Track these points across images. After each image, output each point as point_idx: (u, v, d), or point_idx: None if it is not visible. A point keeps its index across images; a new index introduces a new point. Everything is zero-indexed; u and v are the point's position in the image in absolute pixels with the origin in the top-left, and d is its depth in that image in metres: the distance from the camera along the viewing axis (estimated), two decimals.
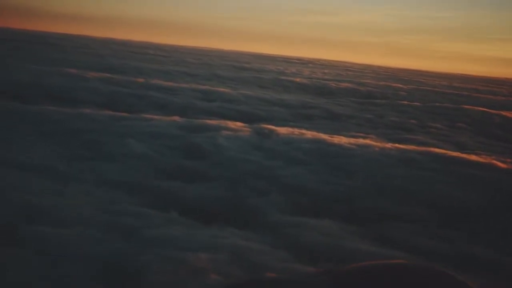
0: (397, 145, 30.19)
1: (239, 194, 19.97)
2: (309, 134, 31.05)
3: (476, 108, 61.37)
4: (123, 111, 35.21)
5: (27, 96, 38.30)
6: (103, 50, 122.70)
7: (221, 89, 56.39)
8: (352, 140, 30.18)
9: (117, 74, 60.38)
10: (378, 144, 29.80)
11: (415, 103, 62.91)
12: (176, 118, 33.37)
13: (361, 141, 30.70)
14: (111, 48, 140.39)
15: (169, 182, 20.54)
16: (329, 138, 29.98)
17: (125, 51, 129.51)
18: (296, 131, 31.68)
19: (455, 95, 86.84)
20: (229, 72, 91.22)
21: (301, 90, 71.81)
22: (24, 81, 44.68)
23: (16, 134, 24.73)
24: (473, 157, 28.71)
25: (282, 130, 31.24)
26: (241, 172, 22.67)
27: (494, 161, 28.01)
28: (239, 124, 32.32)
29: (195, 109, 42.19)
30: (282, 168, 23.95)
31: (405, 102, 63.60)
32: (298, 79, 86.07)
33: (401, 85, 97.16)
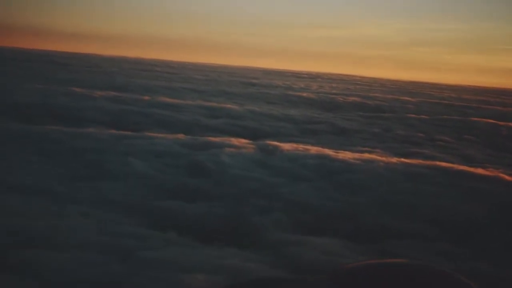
0: (402, 159, 29.87)
1: (241, 212, 19.73)
2: (314, 149, 30.80)
3: (484, 120, 60.93)
4: (127, 130, 35.13)
5: (32, 116, 38.26)
6: (111, 68, 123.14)
7: (227, 106, 56.31)
8: (357, 155, 29.89)
9: (124, 92, 60.43)
10: (384, 159, 29.50)
11: (422, 116, 62.55)
12: (181, 136, 33.21)
13: (366, 156, 30.40)
14: (120, 66, 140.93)
15: (170, 202, 20.31)
16: (334, 153, 29.72)
17: (134, 69, 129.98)
18: (301, 147, 31.46)
19: (464, 107, 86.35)
20: (236, 88, 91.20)
21: (308, 105, 71.60)
22: (29, 101, 44.72)
23: (17, 155, 24.62)
24: (480, 171, 28.33)
25: (287, 146, 31.01)
26: (244, 190, 22.42)
27: (501, 174, 27.64)
28: (243, 141, 32.10)
29: (201, 126, 42.07)
30: (286, 185, 23.70)
31: (413, 115, 63.25)
32: (305, 94, 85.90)
33: (409, 98, 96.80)
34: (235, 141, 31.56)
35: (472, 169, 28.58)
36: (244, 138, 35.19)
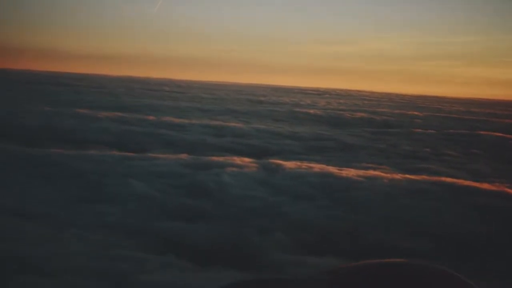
0: (407, 175, 29.60)
1: (241, 233, 19.51)
2: (318, 167, 30.58)
3: (492, 133, 60.57)
4: (131, 151, 35.08)
5: (36, 139, 38.24)
6: (119, 89, 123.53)
7: (233, 124, 56.23)
8: (361, 172, 29.64)
9: (130, 113, 60.49)
10: (387, 175, 29.24)
11: (430, 131, 62.24)
12: (184, 155, 33.10)
13: (370, 172, 30.15)
14: (128, 86, 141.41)
15: (169, 223, 20.13)
16: (337, 171, 29.48)
17: (142, 89, 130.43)
18: (304, 164, 31.23)
19: (472, 121, 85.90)
20: (243, 106, 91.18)
21: (315, 122, 71.43)
22: (34, 124, 44.82)
23: (17, 179, 24.53)
24: (485, 186, 28.02)
25: (290, 164, 30.79)
26: (244, 210, 22.23)
27: (507, 189, 27.31)
28: (246, 160, 31.92)
29: (205, 145, 41.94)
30: (288, 204, 23.48)
31: (420, 130, 62.97)
32: (312, 111, 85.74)
33: (417, 113, 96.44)
34: (238, 160, 31.40)
35: (477, 184, 28.28)
36: (249, 156, 35.04)
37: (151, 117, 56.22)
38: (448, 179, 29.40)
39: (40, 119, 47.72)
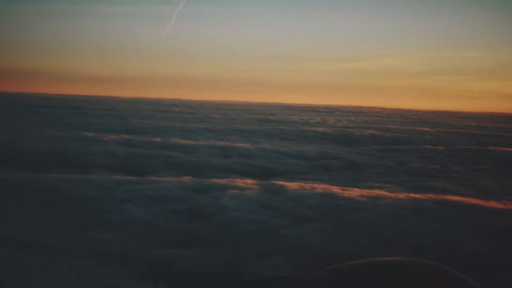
0: (411, 194, 29.13)
1: (237, 258, 19.10)
2: (320, 187, 30.15)
3: (502, 148, 59.94)
4: (134, 174, 34.87)
5: (39, 164, 38.09)
6: (128, 111, 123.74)
7: (240, 145, 55.89)
8: (364, 192, 29.17)
9: (137, 135, 60.43)
10: (392, 195, 28.77)
11: (439, 147, 61.71)
12: (187, 178, 32.80)
13: (374, 192, 29.69)
14: (137, 108, 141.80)
15: (165, 250, 19.74)
16: (341, 191, 29.03)
17: (151, 110, 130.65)
18: (308, 185, 30.82)
19: (483, 136, 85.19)
20: (252, 125, 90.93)
21: (323, 140, 71.02)
22: (38, 148, 44.69)
23: (12, 206, 24.26)
24: (492, 204, 27.49)
25: (293, 185, 30.40)
26: (243, 234, 21.82)
27: None
28: (249, 181, 31.53)
29: (210, 166, 41.62)
30: (288, 227, 23.06)
31: (429, 147, 62.48)
32: (321, 129, 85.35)
33: (427, 129, 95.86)
34: (240, 182, 31.02)
35: (483, 202, 27.76)
36: (253, 177, 34.71)
37: (157, 139, 56.05)
38: (454, 197, 28.92)
39: (45, 144, 47.61)
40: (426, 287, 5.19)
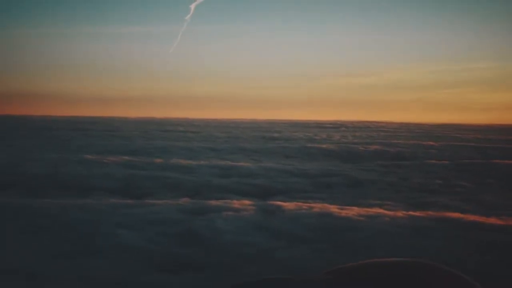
0: (411, 212, 28.73)
1: (228, 283, 18.67)
2: (318, 207, 29.74)
3: (508, 161, 59.39)
4: (132, 197, 34.61)
5: (38, 188, 37.82)
6: (133, 131, 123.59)
7: (241, 164, 55.54)
8: (362, 211, 28.74)
9: (138, 156, 60.11)
10: (391, 213, 28.35)
11: (443, 162, 61.21)
12: (184, 200, 32.52)
13: (373, 210, 29.27)
14: (142, 128, 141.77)
15: (155, 276, 19.38)
16: (338, 210, 28.62)
17: (156, 130, 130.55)
18: (305, 205, 30.40)
19: (488, 148, 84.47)
20: (255, 144, 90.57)
21: (327, 157, 70.53)
22: (37, 172, 44.46)
23: (4, 233, 23.95)
24: (492, 220, 27.02)
25: (290, 205, 30.00)
26: (236, 257, 21.43)
27: None
28: (246, 202, 31.17)
29: (210, 187, 41.26)
30: (283, 249, 22.66)
31: (433, 161, 61.99)
32: (325, 146, 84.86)
33: (432, 143, 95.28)
34: (236, 203, 30.64)
35: (484, 219, 27.29)
36: (252, 197, 34.40)
37: (158, 160, 55.76)
38: (454, 214, 28.49)
39: (46, 167, 47.37)
40: (426, 287, 5.15)
